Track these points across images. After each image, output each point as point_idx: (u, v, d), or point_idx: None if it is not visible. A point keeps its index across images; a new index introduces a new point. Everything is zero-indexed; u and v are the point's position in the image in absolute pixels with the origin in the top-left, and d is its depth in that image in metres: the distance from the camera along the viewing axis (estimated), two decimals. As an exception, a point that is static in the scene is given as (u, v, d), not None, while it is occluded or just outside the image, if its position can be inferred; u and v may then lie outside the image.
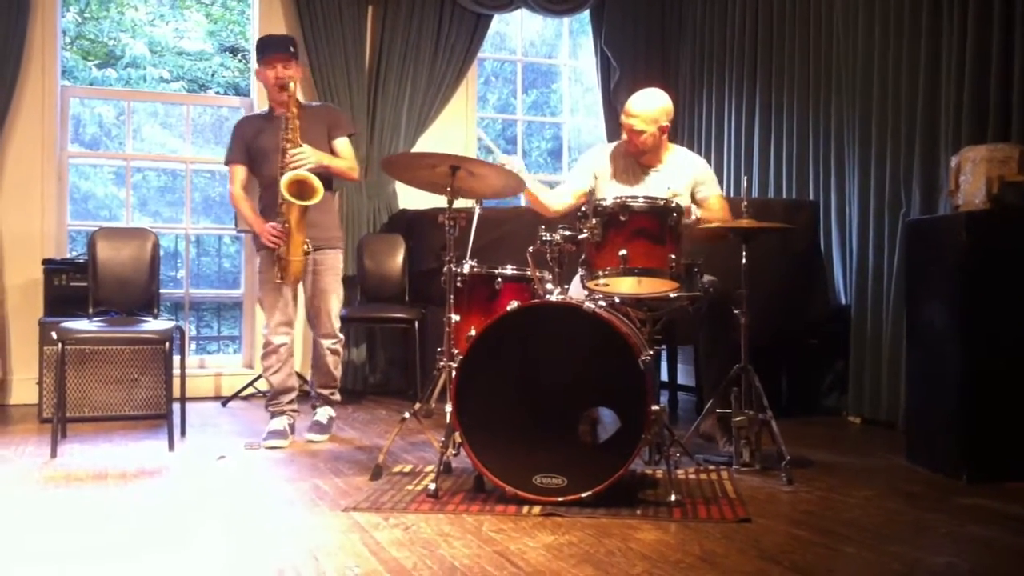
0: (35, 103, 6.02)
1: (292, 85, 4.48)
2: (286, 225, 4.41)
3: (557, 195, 4.44)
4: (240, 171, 4.69)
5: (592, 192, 4.44)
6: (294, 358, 4.79)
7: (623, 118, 4.35)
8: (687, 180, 4.35)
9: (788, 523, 3.17)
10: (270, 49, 4.65)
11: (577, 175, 4.52)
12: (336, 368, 4.81)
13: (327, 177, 4.62)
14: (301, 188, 4.35)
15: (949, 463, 3.92)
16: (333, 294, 4.71)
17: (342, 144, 4.70)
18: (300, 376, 5.56)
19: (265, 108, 4.82)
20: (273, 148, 4.51)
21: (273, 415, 4.73)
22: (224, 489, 3.74)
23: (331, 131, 4.69)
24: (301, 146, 4.44)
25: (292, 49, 4.65)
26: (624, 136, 4.36)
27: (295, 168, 4.37)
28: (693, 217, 4.07)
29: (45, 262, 5.63)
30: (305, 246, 4.44)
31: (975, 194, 3.97)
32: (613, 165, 4.44)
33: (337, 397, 4.88)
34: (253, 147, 4.65)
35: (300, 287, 4.68)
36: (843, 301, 5.63)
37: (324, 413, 4.81)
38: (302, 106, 4.67)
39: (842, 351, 5.51)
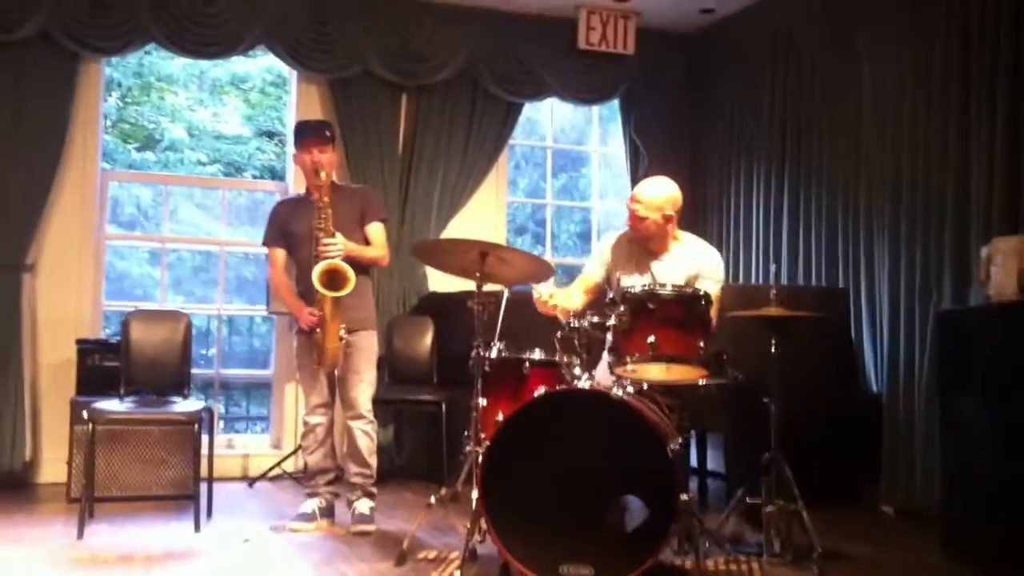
0: (76, 185, 6.13)
1: (323, 174, 4.49)
2: (321, 313, 4.44)
3: (568, 296, 4.30)
4: (279, 254, 4.73)
5: (605, 281, 4.39)
6: (333, 439, 4.76)
7: (628, 202, 4.30)
8: (687, 272, 4.18)
9: (820, 618, 3.10)
10: (305, 134, 4.70)
11: (588, 267, 4.49)
12: (371, 456, 4.66)
13: (363, 263, 4.66)
14: (333, 278, 4.37)
15: (987, 560, 3.83)
16: (364, 376, 4.65)
17: (374, 230, 4.71)
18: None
19: (302, 191, 4.87)
20: (306, 233, 4.53)
21: (308, 495, 4.72)
22: (249, 573, 3.72)
23: (364, 216, 4.71)
24: (334, 235, 4.45)
25: (328, 134, 4.69)
26: (628, 221, 4.36)
27: (326, 258, 4.40)
28: None
29: (79, 342, 5.69)
30: (341, 332, 4.44)
31: (1007, 285, 3.96)
32: (619, 253, 4.37)
33: (373, 489, 4.70)
34: (287, 231, 4.70)
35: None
36: (875, 388, 5.57)
37: (365, 504, 4.64)
38: (338, 188, 4.73)
39: (875, 439, 5.43)
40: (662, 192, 4.26)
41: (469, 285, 3.99)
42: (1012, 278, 3.94)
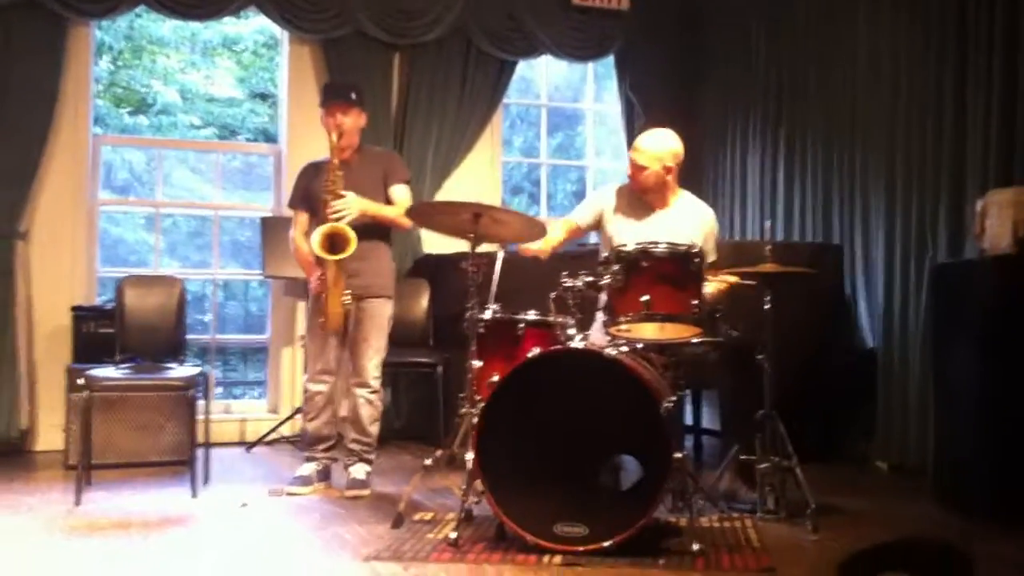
0: (67, 151, 6.08)
1: (334, 137, 4.45)
2: (323, 277, 4.43)
3: (549, 233, 4.29)
4: (302, 217, 4.69)
5: (589, 229, 4.46)
6: (333, 406, 4.74)
7: (629, 153, 4.36)
8: (696, 232, 4.25)
9: (813, 573, 3.12)
10: (329, 97, 4.65)
11: (580, 210, 4.53)
12: (371, 424, 4.63)
13: (382, 227, 4.62)
14: (335, 240, 4.34)
15: (981, 510, 3.85)
16: (373, 343, 4.60)
17: (398, 191, 4.65)
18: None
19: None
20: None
21: (306, 459, 4.73)
22: (246, 537, 3.74)
23: (388, 178, 4.65)
24: (343, 196, 4.41)
25: (353, 96, 4.63)
26: (628, 171, 4.35)
27: (335, 220, 4.36)
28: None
29: (74, 308, 5.69)
30: (344, 298, 4.40)
31: (1001, 238, 3.94)
32: (620, 201, 4.42)
33: (370, 456, 4.68)
34: (310, 194, 4.63)
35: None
36: (869, 344, 5.57)
37: (360, 469, 4.62)
38: (364, 151, 4.68)
39: (869, 395, 5.44)
40: (663, 144, 4.29)
41: (464, 246, 3.97)
42: (1007, 230, 3.93)
